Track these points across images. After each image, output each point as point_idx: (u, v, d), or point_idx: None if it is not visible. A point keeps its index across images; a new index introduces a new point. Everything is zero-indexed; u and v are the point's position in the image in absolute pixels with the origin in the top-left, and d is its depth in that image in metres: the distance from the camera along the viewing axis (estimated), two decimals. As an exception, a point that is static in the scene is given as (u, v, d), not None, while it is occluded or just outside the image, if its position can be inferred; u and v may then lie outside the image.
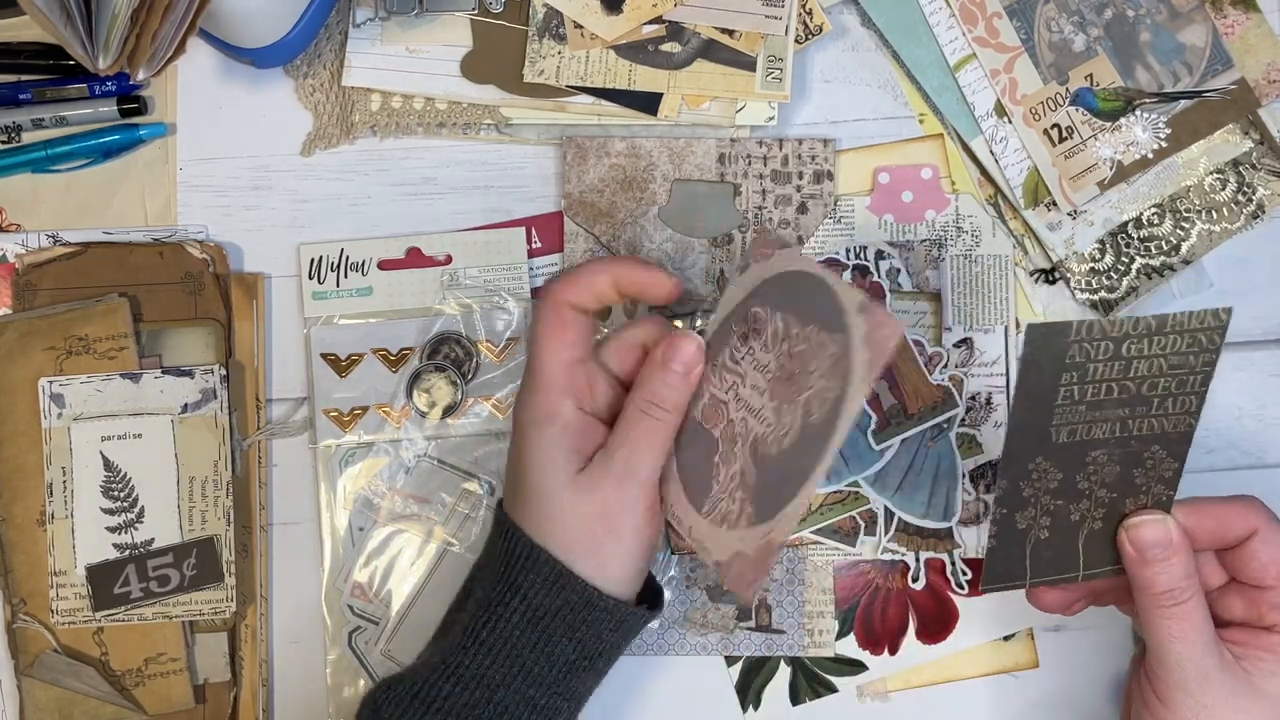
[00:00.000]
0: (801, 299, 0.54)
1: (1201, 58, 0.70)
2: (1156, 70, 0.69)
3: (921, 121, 0.71)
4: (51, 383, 0.67)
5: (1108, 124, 0.69)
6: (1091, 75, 0.69)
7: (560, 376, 0.58)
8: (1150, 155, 0.69)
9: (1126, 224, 0.70)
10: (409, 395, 0.69)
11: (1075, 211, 0.69)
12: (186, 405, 0.68)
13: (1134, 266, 0.70)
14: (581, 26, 0.69)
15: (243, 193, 0.71)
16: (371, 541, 0.69)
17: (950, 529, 0.68)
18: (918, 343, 0.68)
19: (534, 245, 0.70)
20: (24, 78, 0.71)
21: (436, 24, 0.70)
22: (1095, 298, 0.70)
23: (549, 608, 0.57)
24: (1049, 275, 0.70)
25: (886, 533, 0.68)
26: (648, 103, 0.69)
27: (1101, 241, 0.70)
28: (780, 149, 0.70)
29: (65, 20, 0.61)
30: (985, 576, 0.58)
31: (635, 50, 0.69)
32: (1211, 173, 0.70)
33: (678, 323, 0.68)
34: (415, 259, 0.70)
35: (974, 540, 0.68)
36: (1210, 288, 0.70)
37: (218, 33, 0.67)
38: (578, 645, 0.57)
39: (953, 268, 0.69)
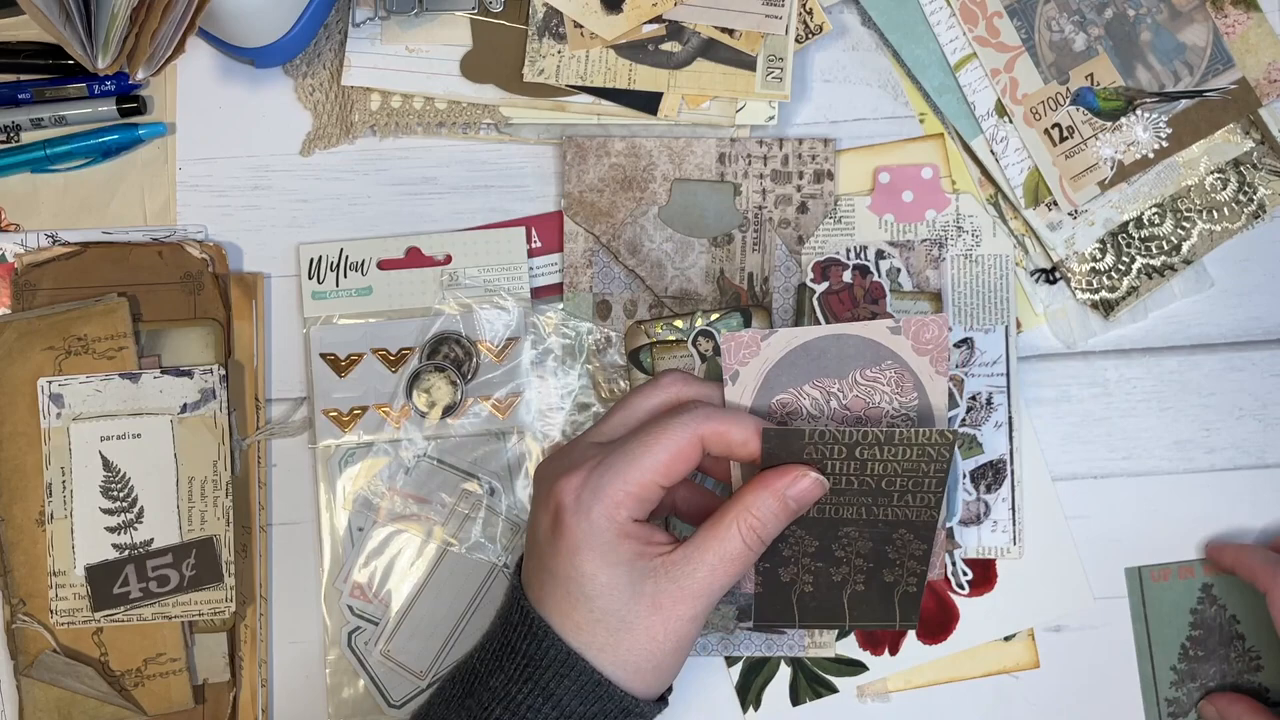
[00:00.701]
0: (827, 362, 0.55)
1: (1202, 57, 0.69)
2: (1157, 70, 0.69)
3: (922, 121, 0.71)
4: (51, 383, 0.67)
5: (1108, 123, 0.69)
6: (1092, 75, 0.69)
7: (651, 498, 0.54)
8: (1151, 155, 0.69)
9: (1127, 224, 0.70)
10: (408, 395, 0.69)
11: (1076, 211, 0.69)
12: (186, 405, 0.68)
13: (1135, 266, 0.70)
14: (581, 26, 0.69)
15: (242, 193, 0.71)
16: (371, 541, 0.69)
17: (950, 529, 0.68)
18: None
19: (534, 245, 0.70)
20: (23, 77, 0.71)
21: (436, 23, 0.70)
22: (1096, 297, 0.70)
23: (583, 713, 0.54)
24: (1049, 275, 0.70)
25: (887, 533, 0.68)
26: (648, 102, 0.69)
27: (1102, 241, 0.70)
28: (780, 148, 0.70)
29: (64, 20, 0.61)
30: (755, 616, 0.59)
31: (635, 50, 0.69)
32: (1212, 172, 0.70)
33: (678, 322, 0.68)
34: (415, 259, 0.70)
35: (974, 540, 0.68)
36: (1211, 287, 0.70)
37: (217, 32, 0.67)
38: None
39: (953, 267, 0.69)
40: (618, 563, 0.53)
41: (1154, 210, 0.70)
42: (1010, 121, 0.69)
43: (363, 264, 0.70)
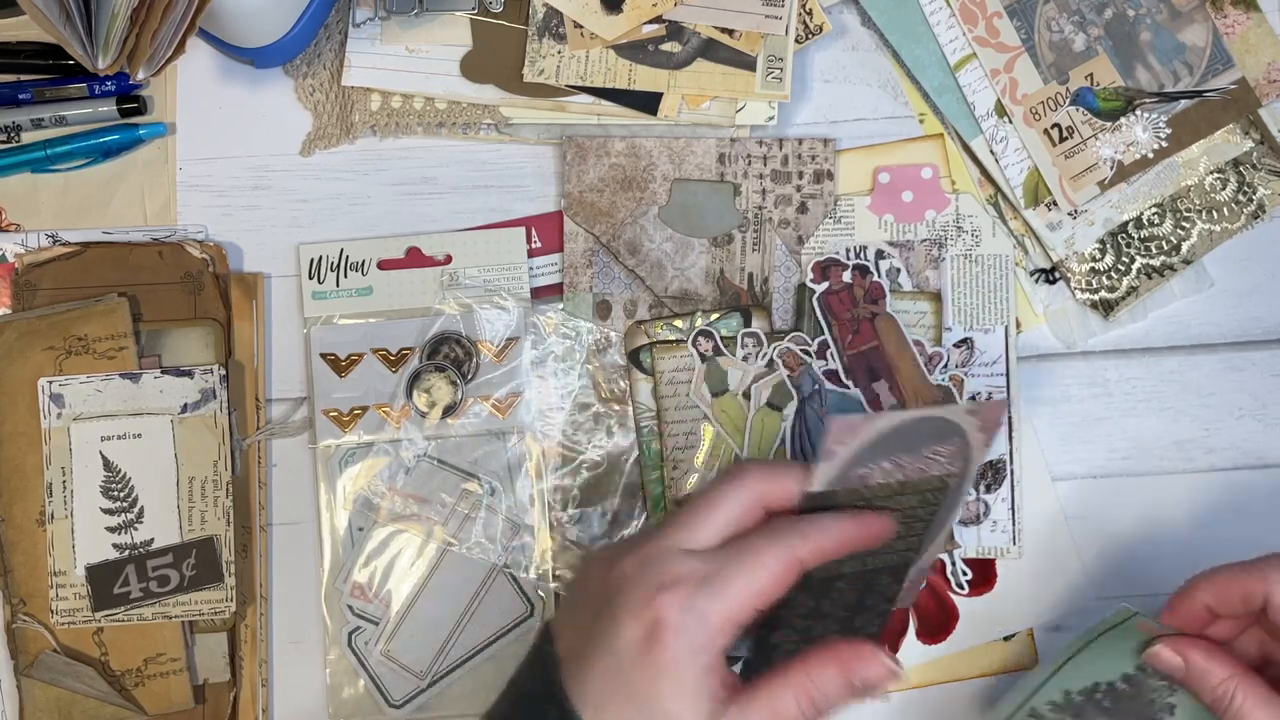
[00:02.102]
0: (907, 440, 0.55)
1: (1202, 57, 0.69)
2: (1157, 70, 0.69)
3: (921, 121, 0.71)
4: (51, 383, 0.67)
5: (1108, 124, 0.69)
6: (1092, 75, 0.69)
7: (747, 624, 0.52)
8: (1150, 155, 0.69)
9: (1127, 224, 0.70)
10: (409, 395, 0.69)
11: (1075, 211, 0.69)
12: (186, 405, 0.68)
13: (1134, 266, 0.70)
14: (581, 26, 0.69)
15: (242, 193, 0.71)
16: (371, 542, 0.69)
17: (950, 529, 0.68)
18: (918, 343, 0.68)
19: (534, 245, 0.70)
20: (24, 78, 0.71)
21: (436, 23, 0.70)
22: (1095, 297, 0.70)
23: None
24: (1049, 275, 0.70)
25: (887, 533, 0.68)
26: (648, 102, 0.69)
27: (1102, 241, 0.70)
28: (780, 149, 0.70)
29: (64, 20, 0.61)
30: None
31: (635, 50, 0.69)
32: (1212, 172, 0.70)
33: (678, 322, 0.68)
34: (415, 259, 0.70)
35: (974, 540, 0.68)
36: (1211, 287, 0.70)
37: (217, 32, 0.67)
38: None
39: (953, 268, 0.69)
40: (699, 698, 0.51)
41: (1154, 210, 0.70)
42: (1010, 121, 0.69)
43: (363, 264, 0.70)
